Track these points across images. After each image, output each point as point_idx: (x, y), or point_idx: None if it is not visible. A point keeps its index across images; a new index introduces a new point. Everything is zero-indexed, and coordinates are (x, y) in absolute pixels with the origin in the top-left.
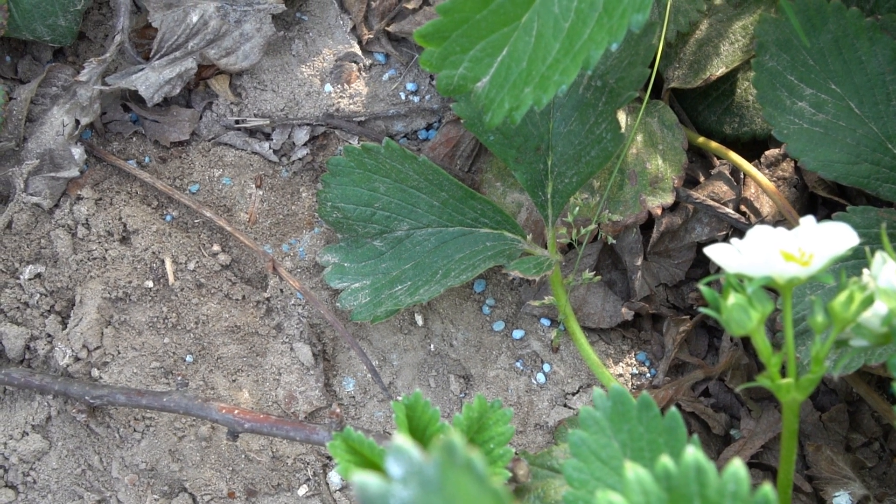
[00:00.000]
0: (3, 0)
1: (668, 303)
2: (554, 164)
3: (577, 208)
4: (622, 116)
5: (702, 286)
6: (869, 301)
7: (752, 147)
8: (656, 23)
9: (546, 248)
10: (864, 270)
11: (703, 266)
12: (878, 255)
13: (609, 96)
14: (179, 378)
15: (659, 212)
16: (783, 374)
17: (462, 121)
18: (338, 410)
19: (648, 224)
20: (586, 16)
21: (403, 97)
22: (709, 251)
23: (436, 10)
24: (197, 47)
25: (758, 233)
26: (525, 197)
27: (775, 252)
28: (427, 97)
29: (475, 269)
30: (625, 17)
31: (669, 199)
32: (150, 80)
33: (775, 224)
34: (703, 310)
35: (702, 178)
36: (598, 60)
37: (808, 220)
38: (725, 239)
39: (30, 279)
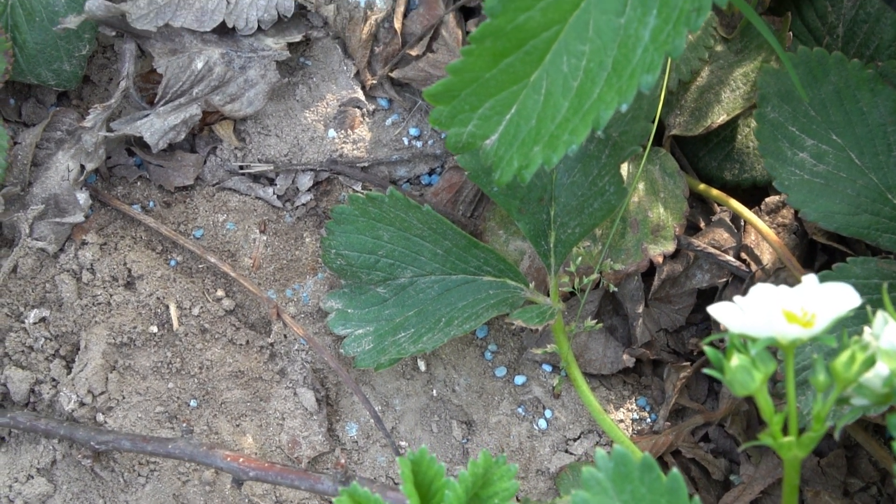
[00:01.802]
0: (7, 45)
1: (669, 348)
2: (557, 214)
3: (580, 258)
4: (624, 165)
5: (705, 346)
6: (870, 362)
7: (753, 193)
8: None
9: (548, 295)
10: (866, 329)
11: (703, 311)
12: (880, 314)
13: (612, 150)
14: (184, 423)
15: (660, 260)
16: (784, 429)
17: (466, 172)
18: (342, 461)
19: (650, 271)
20: (595, 75)
21: (407, 142)
22: (712, 311)
23: (446, 70)
24: (202, 94)
25: (760, 291)
26: (527, 245)
27: (778, 313)
28: (430, 142)
29: (479, 318)
30: (634, 78)
31: (671, 247)
32: (155, 127)
33: (775, 272)
34: (707, 371)
35: (702, 224)
36: (607, 121)
37: (809, 279)
38: (726, 286)
39: (35, 323)
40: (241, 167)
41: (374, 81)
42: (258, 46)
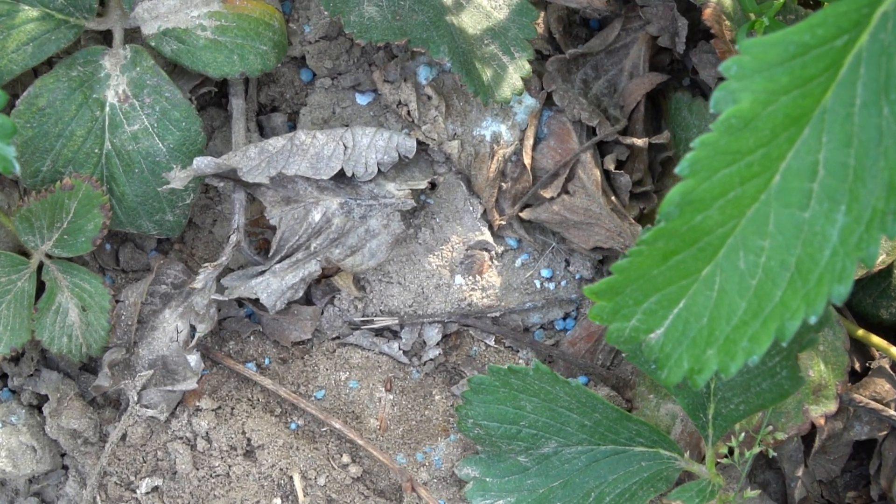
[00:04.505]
0: (104, 199)
1: (823, 499)
2: (718, 388)
3: (743, 434)
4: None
5: None
6: None
7: None
8: None
9: (703, 462)
10: None
11: (859, 459)
12: None
13: None
14: None
15: (822, 422)
16: None
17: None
18: None
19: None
20: (776, 275)
21: (539, 285)
22: None
23: (612, 270)
24: (320, 248)
25: None
26: (679, 408)
27: None
28: (563, 283)
29: (633, 501)
30: (822, 285)
31: (833, 407)
32: (272, 288)
33: None
34: None
35: (857, 365)
36: (794, 333)
37: None
38: (885, 439)
39: (147, 493)
40: (364, 322)
41: (503, 222)
42: (379, 193)
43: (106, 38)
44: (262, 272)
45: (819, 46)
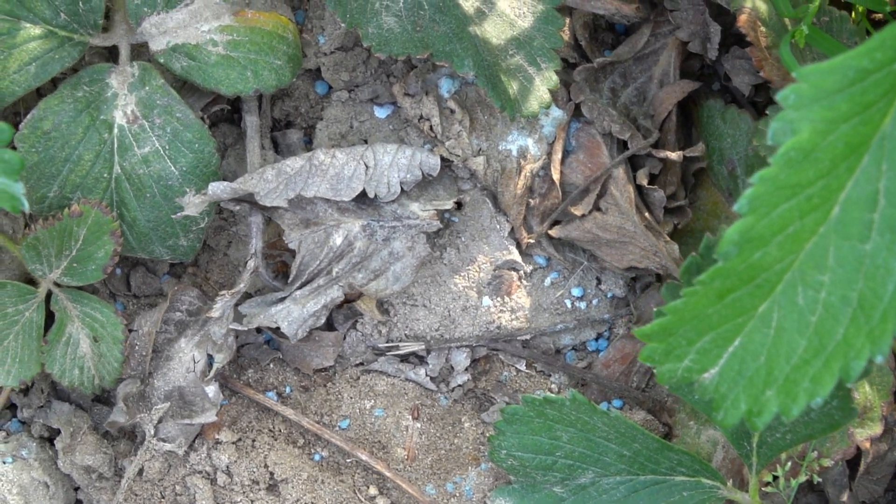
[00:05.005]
0: (114, 225)
1: None
2: None
3: (790, 463)
4: None
5: None
6: None
7: None
8: None
9: (747, 491)
10: None
11: None
12: None
13: None
14: None
15: (868, 445)
16: None
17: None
18: None
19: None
20: (838, 311)
21: (570, 305)
22: None
23: (665, 311)
24: (342, 272)
25: None
26: (720, 434)
27: None
28: (594, 302)
29: None
30: (888, 322)
31: (878, 430)
32: (293, 316)
33: None
34: None
35: None
36: (859, 373)
37: None
38: None
39: None
40: (388, 348)
41: (532, 240)
42: (402, 214)
43: (112, 54)
44: (283, 299)
45: (877, 71)
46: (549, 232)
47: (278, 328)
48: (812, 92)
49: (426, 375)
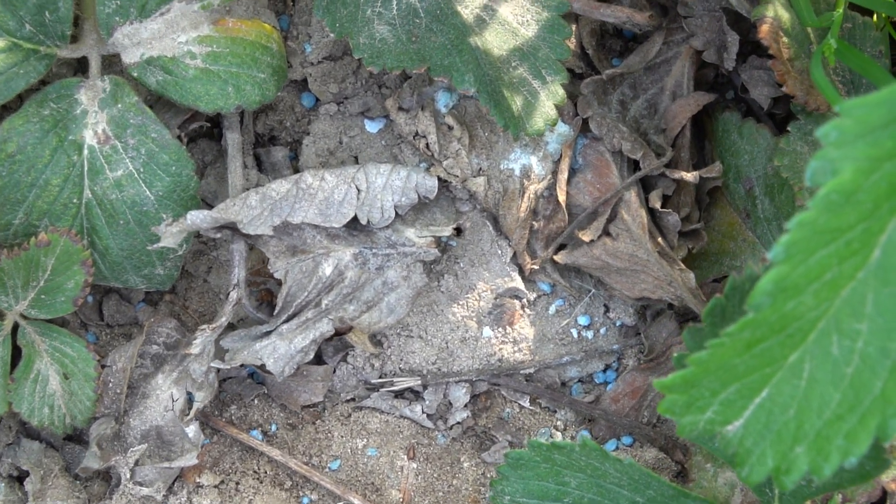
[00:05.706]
0: (85, 255)
1: None
2: None
3: None
4: None
5: None
6: None
7: None
8: None
9: None
10: None
11: None
12: None
13: None
14: None
15: (893, 487)
16: None
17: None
18: None
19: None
20: (876, 363)
21: (576, 334)
22: None
23: (689, 362)
24: (332, 304)
25: None
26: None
27: None
28: (602, 331)
29: None
30: None
31: None
32: (280, 352)
33: None
34: None
35: None
36: None
37: None
38: None
39: None
40: (382, 384)
41: (535, 266)
42: (397, 241)
43: (81, 65)
44: (268, 333)
45: None
46: (555, 257)
47: (263, 365)
48: (856, 128)
49: (423, 412)
